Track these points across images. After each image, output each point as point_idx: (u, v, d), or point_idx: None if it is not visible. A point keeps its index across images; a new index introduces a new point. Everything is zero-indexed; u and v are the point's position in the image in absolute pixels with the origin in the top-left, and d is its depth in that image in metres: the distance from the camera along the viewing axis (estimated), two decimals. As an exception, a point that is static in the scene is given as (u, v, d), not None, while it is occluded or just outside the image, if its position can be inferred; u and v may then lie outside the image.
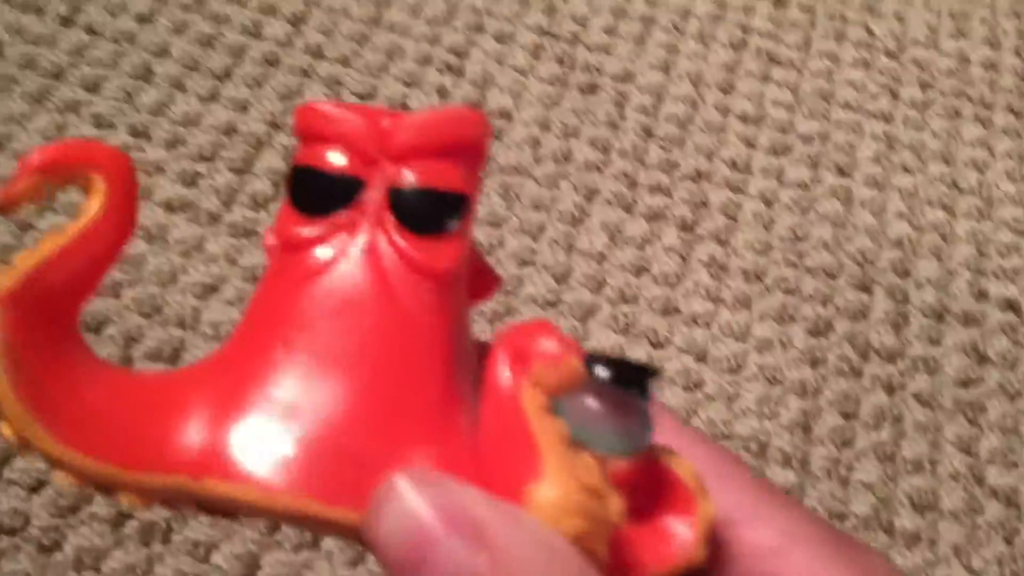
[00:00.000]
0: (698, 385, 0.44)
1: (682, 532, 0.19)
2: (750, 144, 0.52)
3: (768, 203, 0.50)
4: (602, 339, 0.44)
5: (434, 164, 0.20)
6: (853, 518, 0.41)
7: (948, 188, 0.52)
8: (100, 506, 0.37)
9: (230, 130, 0.48)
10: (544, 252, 0.47)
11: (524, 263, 0.46)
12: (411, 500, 0.18)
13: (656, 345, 0.45)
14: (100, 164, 0.20)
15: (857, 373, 0.45)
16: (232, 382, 0.19)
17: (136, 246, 0.44)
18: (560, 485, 0.18)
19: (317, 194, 0.20)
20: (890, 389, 0.45)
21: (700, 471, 0.20)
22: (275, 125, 0.49)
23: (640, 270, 0.47)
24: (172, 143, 0.47)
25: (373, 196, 0.20)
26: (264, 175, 0.47)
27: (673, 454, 0.21)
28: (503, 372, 0.19)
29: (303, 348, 0.19)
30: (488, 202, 0.48)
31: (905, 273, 0.49)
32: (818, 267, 0.48)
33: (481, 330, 0.44)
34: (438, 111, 0.20)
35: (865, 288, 0.48)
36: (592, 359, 0.19)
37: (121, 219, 0.20)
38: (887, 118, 0.54)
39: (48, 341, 0.19)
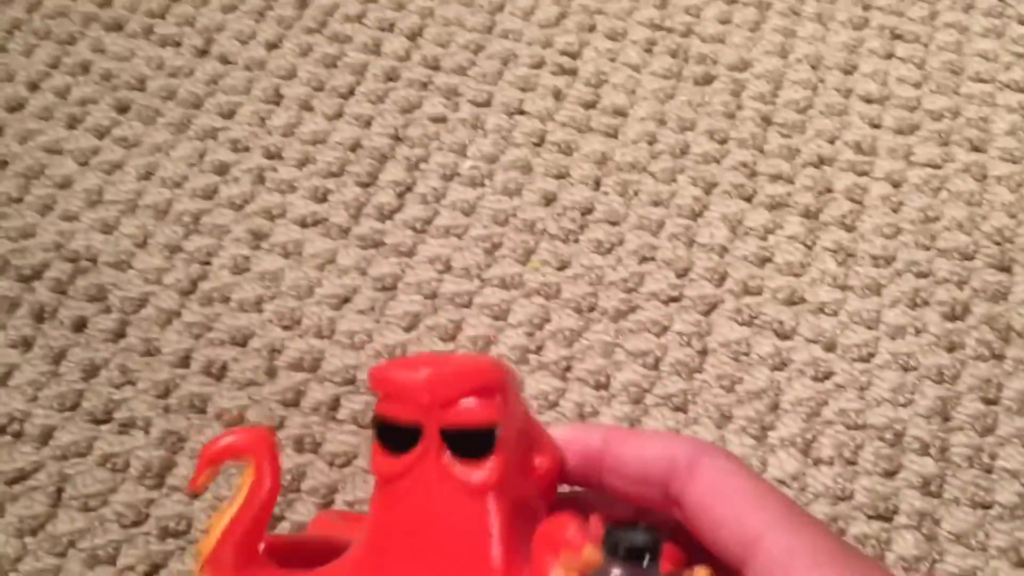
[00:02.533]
0: (828, 376, 0.43)
1: None
2: (875, 125, 0.51)
3: (896, 185, 0.49)
4: (727, 332, 0.44)
5: (468, 405, 0.26)
6: (998, 507, 0.40)
7: (1093, 157, 0.49)
8: (253, 509, 0.39)
9: (356, 146, 0.50)
10: (664, 247, 0.47)
11: (644, 259, 0.46)
12: None
13: (782, 336, 0.44)
14: (248, 448, 0.28)
15: (998, 357, 0.44)
16: None
17: (275, 261, 0.46)
18: None
19: (394, 440, 0.27)
20: (1035, 372, 0.43)
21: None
22: (397, 138, 0.51)
23: (763, 261, 0.46)
24: (303, 162, 0.50)
25: (431, 436, 0.26)
26: (388, 187, 0.49)
27: None
28: (542, 564, 0.25)
29: (395, 557, 0.27)
30: (607, 200, 0.48)
31: (1048, 250, 0.47)
32: (952, 248, 0.47)
33: (605, 329, 0.44)
34: (467, 362, 0.27)
35: (1004, 268, 0.46)
36: (610, 537, 0.24)
37: (269, 482, 0.28)
38: (1022, 88, 0.52)
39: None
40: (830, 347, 0.44)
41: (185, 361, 0.43)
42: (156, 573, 0.38)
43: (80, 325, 0.44)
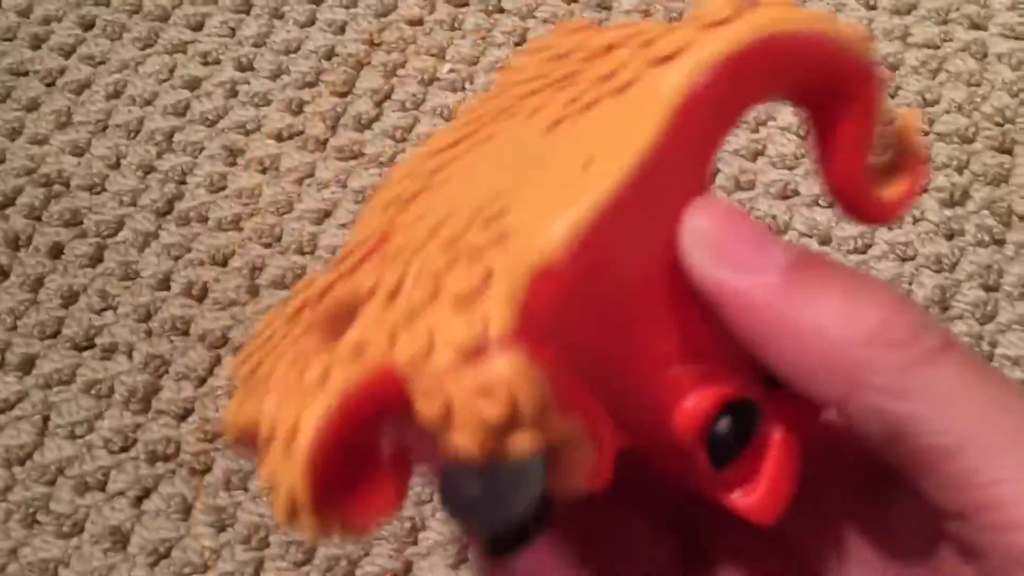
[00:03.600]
0: (823, 269, 0.42)
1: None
2: (871, 7, 0.49)
3: (893, 68, 0.47)
4: (719, 229, 0.43)
5: None
6: (999, 395, 0.39)
7: (1099, 30, 0.47)
8: (242, 429, 0.39)
9: (330, 54, 0.48)
10: (653, 145, 0.45)
11: (633, 158, 0.45)
12: None
13: (777, 231, 0.43)
14: None
15: (999, 242, 0.42)
16: None
17: (252, 178, 0.45)
18: None
19: None
20: (1037, 256, 0.42)
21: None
22: (373, 43, 0.49)
23: (755, 154, 0.45)
24: (276, 73, 0.48)
25: None
26: (366, 95, 0.47)
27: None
28: None
29: None
30: (592, 99, 0.46)
31: (1051, 129, 0.45)
32: (951, 132, 0.45)
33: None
34: None
35: (1005, 150, 0.44)
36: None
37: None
38: (1025, -41, 0.49)
39: None
40: (825, 240, 0.43)
41: (165, 283, 0.42)
42: (147, 497, 0.38)
43: (57, 251, 0.43)
